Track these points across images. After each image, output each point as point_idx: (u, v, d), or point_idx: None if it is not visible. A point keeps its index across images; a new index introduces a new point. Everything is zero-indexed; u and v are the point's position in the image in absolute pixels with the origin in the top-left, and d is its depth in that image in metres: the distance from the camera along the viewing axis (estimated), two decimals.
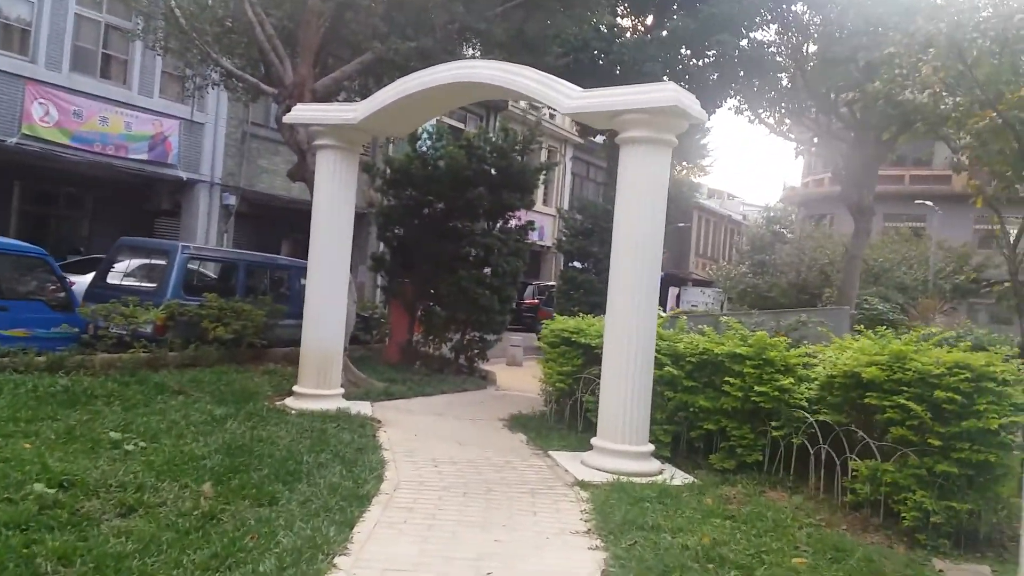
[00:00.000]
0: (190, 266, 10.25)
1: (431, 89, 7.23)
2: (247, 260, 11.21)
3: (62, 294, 8.74)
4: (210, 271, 11.13)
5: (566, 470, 6.37)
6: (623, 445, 6.40)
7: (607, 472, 6.23)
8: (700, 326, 8.27)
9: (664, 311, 27.76)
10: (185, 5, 9.32)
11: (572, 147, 32.17)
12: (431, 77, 7.21)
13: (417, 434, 7.40)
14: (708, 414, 6.76)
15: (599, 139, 30.98)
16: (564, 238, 17.74)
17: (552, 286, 22.91)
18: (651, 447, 6.56)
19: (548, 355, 8.37)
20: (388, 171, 12.19)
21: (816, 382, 6.37)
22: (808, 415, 6.12)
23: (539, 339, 8.85)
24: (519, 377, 13.86)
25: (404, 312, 12.40)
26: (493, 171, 11.90)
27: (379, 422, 7.81)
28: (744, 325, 7.39)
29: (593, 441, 6.62)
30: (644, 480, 6.05)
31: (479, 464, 6.39)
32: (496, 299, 11.76)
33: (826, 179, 37.85)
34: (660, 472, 6.40)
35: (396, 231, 12.39)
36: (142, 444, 5.51)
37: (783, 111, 20.63)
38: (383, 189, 12.30)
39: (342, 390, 8.39)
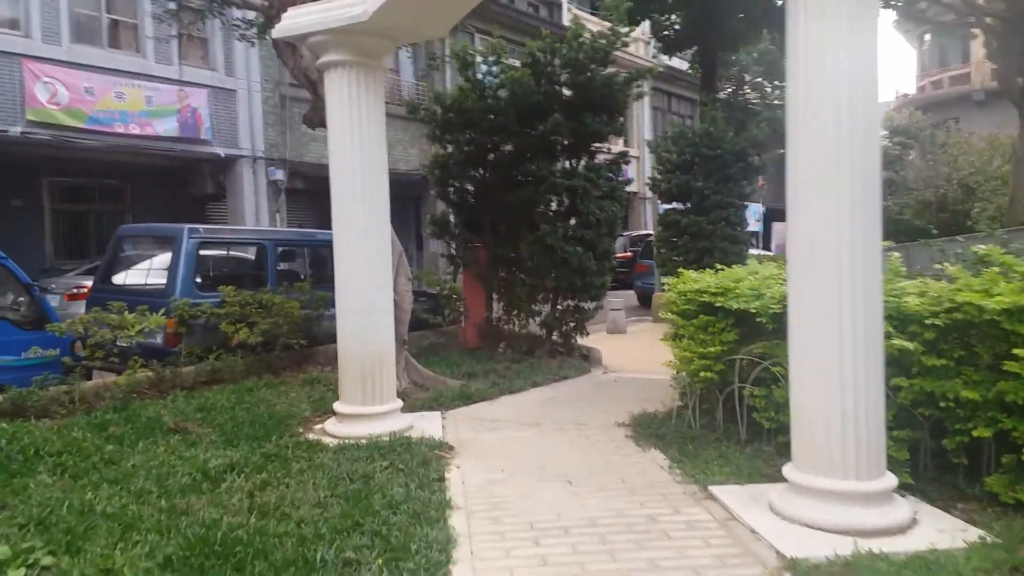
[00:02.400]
0: (203, 253, 8.13)
1: None
2: (276, 239, 9.02)
3: (30, 308, 6.77)
4: (233, 258, 9.03)
5: (752, 530, 3.85)
6: (845, 482, 3.82)
7: (824, 530, 3.71)
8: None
9: (772, 250, 24.40)
10: None
11: (649, 78, 28.84)
12: None
13: (505, 468, 5.03)
14: (973, 410, 4.12)
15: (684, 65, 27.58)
16: (659, 176, 14.90)
17: (647, 235, 20.03)
18: (892, 480, 3.95)
19: (681, 329, 5.79)
20: (439, 111, 9.73)
21: None
22: None
23: (662, 308, 6.27)
24: (627, 349, 11.35)
25: (479, 284, 10.04)
26: (568, 92, 9.24)
27: (450, 449, 5.48)
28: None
29: (788, 474, 4.07)
30: (895, 547, 3.49)
31: (606, 529, 3.95)
32: (590, 256, 9.21)
33: (945, 78, 33.15)
34: (913, 522, 3.82)
35: (457, 184, 9.97)
36: (46, 562, 3.32)
37: None
38: (436, 135, 9.87)
39: (399, 403, 6.10)
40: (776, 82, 33.50)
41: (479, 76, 9.62)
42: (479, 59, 9.63)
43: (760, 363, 5.09)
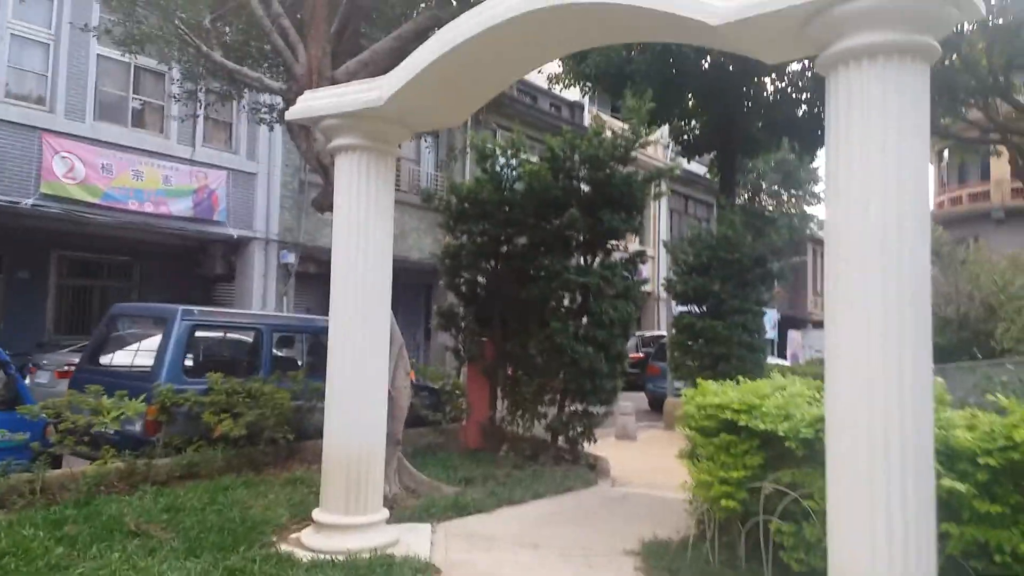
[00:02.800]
0: (197, 336, 7.75)
1: (493, 31, 4.48)
2: (274, 324, 8.63)
3: (3, 388, 6.35)
4: (227, 341, 8.64)
5: None
6: None
7: None
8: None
9: (787, 359, 23.70)
10: None
11: (667, 179, 29.07)
12: (491, 12, 4.47)
13: None
14: None
15: (701, 170, 27.83)
16: (675, 276, 14.58)
17: (659, 337, 19.56)
18: None
19: (700, 447, 5.25)
20: (454, 201, 9.53)
21: None
22: None
23: (679, 421, 5.75)
24: (637, 459, 10.69)
25: (484, 381, 9.56)
26: (586, 187, 9.03)
27: (437, 573, 4.88)
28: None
29: None
30: None
31: None
32: (602, 358, 8.75)
33: (964, 195, 33.18)
34: None
35: (467, 276, 9.65)
36: None
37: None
38: (450, 225, 9.63)
39: (385, 512, 5.54)
40: (792, 190, 33.79)
41: (497, 168, 9.46)
42: (498, 151, 9.49)
43: (788, 494, 4.54)
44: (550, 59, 5.81)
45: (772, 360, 17.77)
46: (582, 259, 9.40)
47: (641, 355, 21.47)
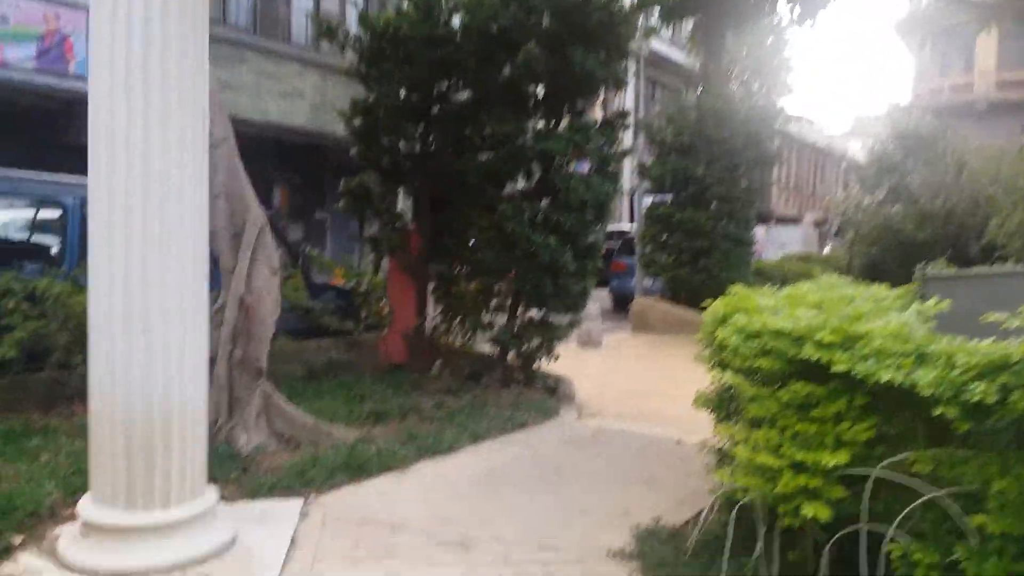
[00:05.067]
0: None
1: None
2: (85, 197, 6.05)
3: None
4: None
5: None
6: None
7: None
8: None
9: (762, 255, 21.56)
10: None
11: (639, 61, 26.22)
12: None
13: None
14: None
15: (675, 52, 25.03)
16: (652, 160, 12.28)
17: (625, 232, 17.37)
18: None
19: (750, 402, 3.01)
20: (366, 38, 6.90)
21: None
22: None
23: (703, 347, 3.52)
24: (604, 372, 8.79)
25: (410, 281, 7.27)
26: (549, 17, 6.48)
27: None
28: None
29: None
30: None
31: None
32: (568, 250, 6.51)
33: (946, 87, 31.18)
34: None
35: (386, 142, 7.17)
36: None
37: None
38: (360, 72, 7.04)
39: (208, 500, 3.30)
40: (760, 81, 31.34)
41: None
42: None
43: (927, 494, 2.44)
44: None
45: None
46: (545, 121, 7.00)
47: (603, 250, 19.35)
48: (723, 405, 3.44)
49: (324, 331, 6.93)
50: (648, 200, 13.17)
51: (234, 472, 4.11)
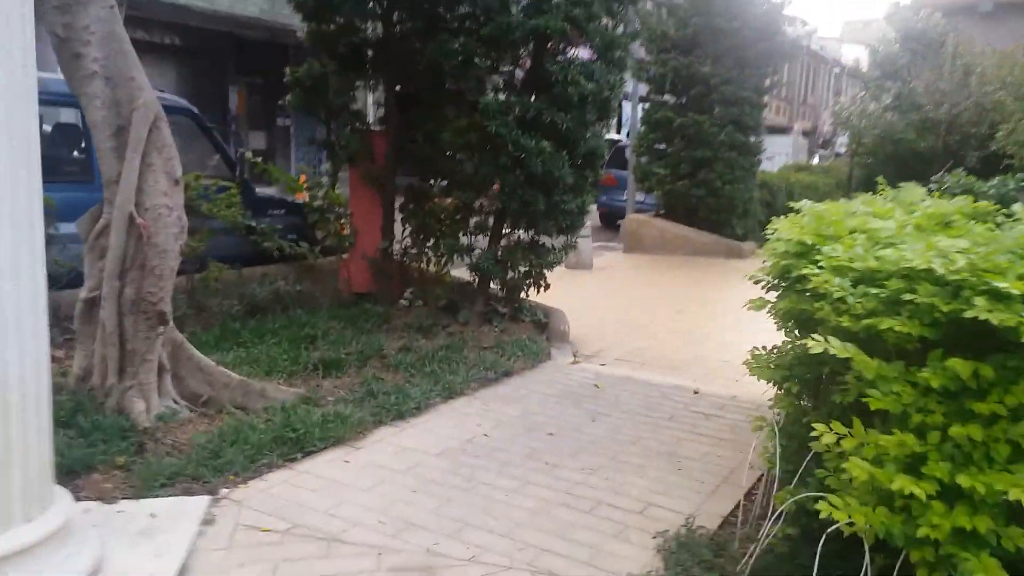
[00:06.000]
0: None
1: None
2: None
3: None
4: None
5: None
6: None
7: None
8: None
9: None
10: None
11: None
12: None
13: None
14: None
15: None
16: (649, 56, 10.90)
17: (617, 141, 15.98)
18: None
19: (870, 389, 1.93)
20: None
21: None
22: None
23: (782, 317, 2.46)
24: (598, 298, 7.80)
25: (374, 194, 6.06)
26: None
27: None
28: None
29: None
30: None
31: None
32: (564, 157, 5.32)
33: None
34: None
35: (343, 22, 5.81)
36: None
37: None
38: None
39: (63, 506, 2.24)
40: None
41: None
42: None
43: None
44: None
45: None
46: None
47: (606, 158, 17.99)
48: (807, 384, 2.38)
49: (271, 257, 5.77)
50: (644, 104, 11.87)
51: (122, 455, 3.05)
